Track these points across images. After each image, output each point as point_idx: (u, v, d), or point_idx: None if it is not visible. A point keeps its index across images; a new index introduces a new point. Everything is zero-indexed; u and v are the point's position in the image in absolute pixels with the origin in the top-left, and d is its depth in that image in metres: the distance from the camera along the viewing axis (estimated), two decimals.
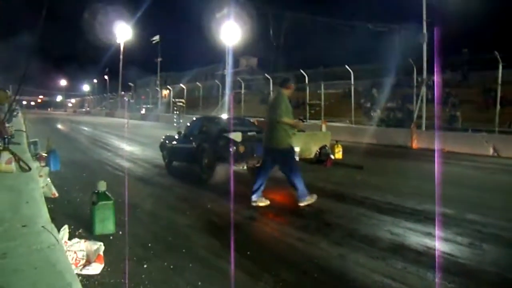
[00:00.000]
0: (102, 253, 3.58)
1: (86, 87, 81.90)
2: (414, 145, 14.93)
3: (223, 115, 12.33)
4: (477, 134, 13.63)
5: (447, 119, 16.83)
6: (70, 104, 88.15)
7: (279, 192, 6.53)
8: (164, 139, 9.75)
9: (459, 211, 5.55)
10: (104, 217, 4.48)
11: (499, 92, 14.46)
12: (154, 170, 9.20)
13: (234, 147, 7.15)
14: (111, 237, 4.36)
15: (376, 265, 3.71)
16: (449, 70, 20.62)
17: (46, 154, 8.48)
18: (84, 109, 70.03)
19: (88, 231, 4.45)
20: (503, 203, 6.28)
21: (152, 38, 41.63)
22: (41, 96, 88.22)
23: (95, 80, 77.96)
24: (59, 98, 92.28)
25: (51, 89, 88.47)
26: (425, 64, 16.65)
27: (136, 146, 14.19)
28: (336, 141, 11.16)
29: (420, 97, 16.89)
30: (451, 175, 8.35)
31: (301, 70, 22.30)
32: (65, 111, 74.06)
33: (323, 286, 3.39)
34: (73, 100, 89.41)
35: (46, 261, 1.60)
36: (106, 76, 66.98)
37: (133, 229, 4.58)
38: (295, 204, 5.86)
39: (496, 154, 12.60)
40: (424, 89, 16.90)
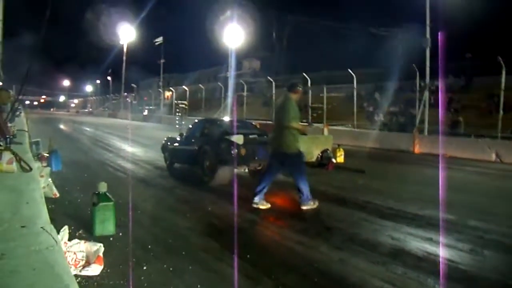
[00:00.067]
0: (102, 255, 3.58)
1: (89, 88, 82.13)
2: (416, 150, 14.89)
3: (225, 118, 12.34)
4: (480, 140, 13.57)
5: (450, 124, 16.77)
6: (73, 105, 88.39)
7: (280, 196, 6.52)
8: (166, 141, 9.76)
9: (461, 217, 5.53)
10: (105, 218, 4.48)
11: (502, 98, 14.40)
12: (156, 172, 9.20)
13: (236, 150, 7.16)
14: (111, 238, 4.36)
15: (377, 270, 3.70)
16: (452, 75, 20.56)
17: (48, 154, 8.51)
18: (87, 110, 70.18)
19: (88, 232, 4.46)
20: (505, 209, 6.24)
21: (155, 40, 41.78)
22: (44, 96, 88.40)
23: (98, 81, 78.17)
24: (62, 99, 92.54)
25: (54, 89, 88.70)
26: (428, 69, 16.62)
27: (138, 148, 14.20)
28: (338, 145, 11.15)
29: (423, 102, 16.85)
30: (453, 181, 8.31)
31: (304, 74, 22.32)
32: (68, 112, 74.21)
33: None
34: (76, 101, 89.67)
35: (45, 263, 1.60)
36: (109, 77, 67.12)
37: (134, 231, 4.56)
38: (296, 208, 5.86)
39: (499, 160, 12.56)
40: (427, 94, 16.86)
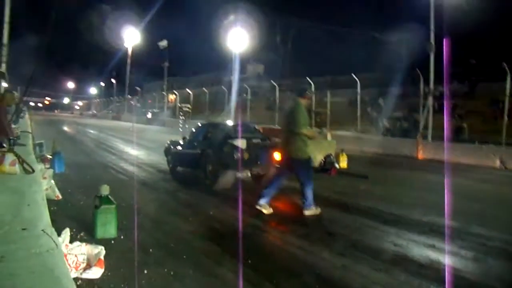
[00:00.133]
0: (103, 257, 3.57)
1: (93, 90, 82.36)
2: (420, 156, 14.83)
3: (228, 122, 12.32)
4: (484, 146, 13.51)
5: (454, 131, 16.70)
6: (77, 107, 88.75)
7: (283, 201, 6.50)
8: (169, 144, 9.77)
9: (464, 224, 5.49)
10: (106, 221, 4.48)
11: (507, 104, 14.35)
12: (159, 175, 9.21)
13: (239, 154, 7.14)
14: (113, 241, 4.36)
15: (379, 277, 3.67)
16: (456, 81, 20.50)
17: (51, 156, 8.52)
18: (91, 112, 70.41)
19: (90, 235, 4.45)
20: (509, 217, 6.21)
21: (160, 43, 41.89)
22: (48, 98, 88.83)
23: (102, 83, 78.42)
24: (66, 100, 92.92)
25: (59, 91, 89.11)
26: (433, 74, 16.58)
27: (141, 150, 14.22)
28: (342, 150, 11.11)
29: (427, 108, 16.79)
30: (457, 187, 8.25)
31: (307, 78, 22.31)
32: (72, 114, 74.49)
33: None
34: (80, 103, 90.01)
35: (44, 266, 1.59)
36: (113, 80, 67.36)
37: (135, 234, 4.55)
38: (298, 213, 5.84)
39: (503, 167, 12.48)
40: (431, 100, 16.81)
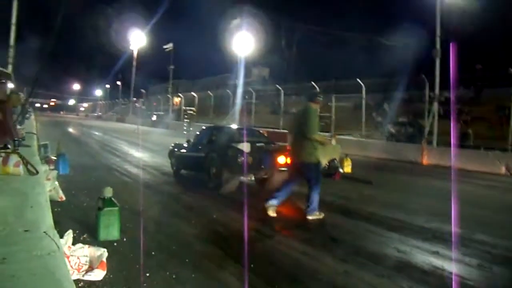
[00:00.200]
0: (105, 260, 3.57)
1: (99, 92, 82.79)
2: (425, 161, 14.77)
3: (233, 125, 12.33)
4: (489, 152, 13.44)
5: (459, 136, 16.62)
6: (82, 108, 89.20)
7: (286, 205, 6.45)
8: (173, 147, 9.78)
9: (469, 231, 5.44)
10: (109, 223, 4.48)
11: None
12: (162, 178, 9.22)
13: (243, 158, 7.14)
14: (115, 244, 4.36)
15: (381, 284, 3.64)
16: (462, 86, 20.41)
17: (56, 158, 8.56)
18: (96, 114, 70.75)
19: (93, 237, 4.46)
20: None
21: (165, 46, 42.08)
22: (54, 99, 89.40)
23: (108, 86, 78.84)
24: (72, 102, 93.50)
25: (64, 93, 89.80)
26: (438, 80, 16.51)
27: (146, 153, 14.25)
28: (346, 155, 11.08)
29: (432, 113, 16.73)
30: (462, 193, 8.18)
31: (312, 82, 22.32)
32: (77, 115, 74.87)
33: None
34: (86, 104, 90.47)
35: (45, 268, 1.59)
36: (119, 82, 67.71)
37: (138, 237, 4.55)
38: (302, 218, 5.82)
39: (509, 173, 12.40)
40: (436, 105, 16.74)
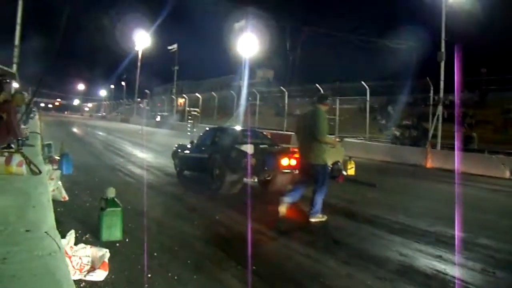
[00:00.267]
0: (107, 260, 3.57)
1: (103, 92, 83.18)
2: (428, 165, 14.71)
3: (237, 127, 12.32)
4: (494, 156, 13.37)
5: (463, 140, 16.55)
6: (87, 108, 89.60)
7: (290, 207, 6.44)
8: (177, 148, 9.79)
9: (472, 235, 5.41)
10: (112, 224, 4.48)
11: None
12: (165, 178, 9.22)
13: (246, 159, 7.13)
14: (118, 244, 4.35)
15: (383, 287, 3.62)
16: (467, 90, 20.33)
17: (59, 157, 8.58)
18: (100, 114, 71.02)
19: (95, 237, 4.45)
20: None
21: (170, 47, 42.20)
22: (59, 99, 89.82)
23: (112, 86, 79.22)
24: (76, 102, 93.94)
25: (69, 93, 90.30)
26: (443, 83, 16.47)
27: (149, 153, 14.26)
28: (349, 157, 11.05)
29: (436, 116, 16.67)
30: (465, 197, 8.16)
31: (317, 85, 22.31)
32: (82, 115, 75.15)
33: None
34: (90, 105, 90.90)
35: (46, 269, 1.59)
36: (123, 82, 68.01)
37: (140, 237, 4.55)
38: (305, 220, 5.80)
39: None
40: (441, 108, 16.69)
